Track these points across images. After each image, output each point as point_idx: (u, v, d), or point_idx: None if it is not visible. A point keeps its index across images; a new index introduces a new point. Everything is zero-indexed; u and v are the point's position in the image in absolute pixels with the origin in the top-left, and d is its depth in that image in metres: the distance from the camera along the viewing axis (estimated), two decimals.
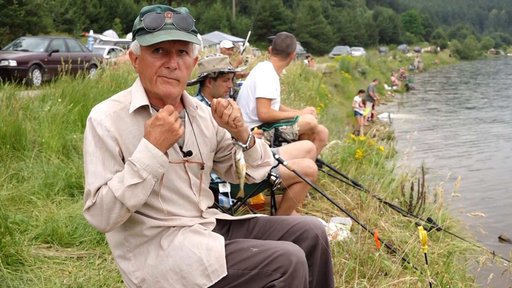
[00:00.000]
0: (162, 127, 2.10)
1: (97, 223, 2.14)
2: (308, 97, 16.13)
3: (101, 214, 2.11)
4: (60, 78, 9.56)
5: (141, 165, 2.08)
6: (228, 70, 4.47)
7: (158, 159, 2.10)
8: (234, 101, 2.33)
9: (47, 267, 3.70)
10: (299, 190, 4.43)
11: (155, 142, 2.10)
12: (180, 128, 2.15)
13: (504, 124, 22.56)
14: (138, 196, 2.10)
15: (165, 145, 2.13)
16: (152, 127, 2.11)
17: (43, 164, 5.72)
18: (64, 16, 50.04)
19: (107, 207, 2.09)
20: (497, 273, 3.58)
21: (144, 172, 2.08)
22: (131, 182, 2.07)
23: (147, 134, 2.12)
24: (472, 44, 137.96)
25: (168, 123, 2.10)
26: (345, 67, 34.41)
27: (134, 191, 2.08)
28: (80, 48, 20.01)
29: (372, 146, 7.46)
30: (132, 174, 2.08)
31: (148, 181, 2.10)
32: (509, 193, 11.37)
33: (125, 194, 2.07)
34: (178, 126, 2.14)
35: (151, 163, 2.09)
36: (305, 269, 2.19)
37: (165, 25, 2.20)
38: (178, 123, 2.15)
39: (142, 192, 2.10)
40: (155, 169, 2.10)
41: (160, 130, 2.10)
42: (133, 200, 2.09)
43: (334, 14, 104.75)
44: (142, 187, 2.09)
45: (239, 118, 2.31)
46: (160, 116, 2.10)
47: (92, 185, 2.14)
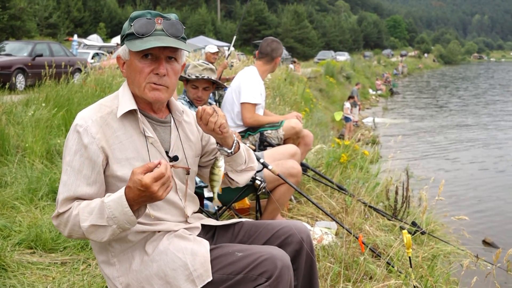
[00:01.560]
0: (142, 192, 1.99)
1: (61, 230, 2.19)
2: (293, 101, 16.16)
3: (65, 226, 2.14)
4: (44, 83, 9.48)
5: (110, 214, 2.03)
6: (186, 77, 4.47)
7: (127, 217, 2.04)
8: (219, 108, 2.33)
9: (30, 273, 3.66)
10: (283, 192, 4.44)
11: (132, 200, 2.02)
12: (164, 193, 2.01)
13: (486, 128, 22.74)
14: (101, 235, 2.08)
15: (142, 204, 2.07)
16: (134, 185, 1.98)
17: (26, 169, 5.67)
18: (48, 20, 49.82)
19: (72, 225, 2.12)
20: (480, 276, 3.60)
21: (111, 221, 2.04)
22: (96, 222, 2.06)
23: (128, 188, 2.02)
24: (455, 49, 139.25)
25: (150, 192, 1.97)
26: (330, 72, 34.51)
27: (97, 230, 2.07)
28: (64, 53, 19.92)
29: (357, 150, 7.49)
30: (100, 216, 2.06)
31: (112, 229, 2.06)
32: (492, 197, 11.46)
33: (88, 229, 2.07)
34: (161, 192, 2.00)
35: (119, 216, 2.03)
36: (290, 274, 2.19)
37: (155, 31, 2.21)
38: (164, 188, 2.00)
39: (104, 233, 2.08)
40: (122, 223, 2.05)
41: (140, 194, 1.99)
42: (94, 236, 2.09)
43: (318, 19, 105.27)
44: (105, 230, 2.07)
45: (225, 125, 2.32)
46: (144, 183, 1.96)
47: (61, 195, 2.15)
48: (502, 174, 13.89)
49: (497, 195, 11.60)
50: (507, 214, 10.07)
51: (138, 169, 1.97)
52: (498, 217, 9.88)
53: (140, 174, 1.96)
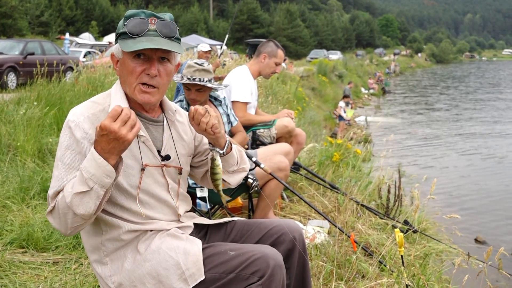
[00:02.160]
0: (106, 137, 1.97)
1: (58, 226, 2.12)
2: (286, 100, 16.16)
3: (59, 218, 2.09)
4: (35, 81, 9.45)
5: (87, 174, 2.01)
6: (178, 80, 4.34)
7: (103, 169, 2.00)
8: (212, 108, 2.33)
9: (22, 272, 3.65)
10: (273, 188, 4.44)
11: (102, 151, 2.00)
12: (131, 132, 1.99)
13: (477, 127, 22.82)
14: (87, 204, 2.03)
15: (114, 152, 2.02)
16: (97, 136, 2.00)
17: (18, 168, 5.65)
18: (39, 18, 49.66)
19: (62, 211, 2.06)
20: (472, 274, 3.62)
21: (90, 181, 2.01)
22: (79, 189, 2.02)
23: (95, 142, 2.02)
24: (447, 48, 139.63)
25: (112, 132, 1.95)
26: (322, 71, 34.53)
27: (82, 199, 2.03)
28: (56, 51, 19.85)
29: (349, 149, 7.50)
30: (80, 182, 2.02)
31: (95, 190, 2.02)
32: (484, 195, 11.50)
33: (73, 201, 2.02)
34: (125, 131, 1.97)
35: (96, 172, 2.00)
36: (282, 272, 2.19)
37: (148, 31, 2.19)
38: (127, 127, 1.98)
39: (90, 201, 2.03)
40: (100, 179, 2.01)
41: (106, 140, 1.98)
42: (81, 208, 2.03)
43: (311, 17, 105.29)
44: (89, 196, 2.03)
45: (217, 125, 2.31)
46: (103, 125, 1.96)
47: (52, 190, 2.12)
48: (494, 172, 13.94)
49: (488, 194, 11.65)
50: (498, 212, 10.11)
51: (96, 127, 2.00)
52: (489, 215, 9.92)
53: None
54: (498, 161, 15.44)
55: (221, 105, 4.62)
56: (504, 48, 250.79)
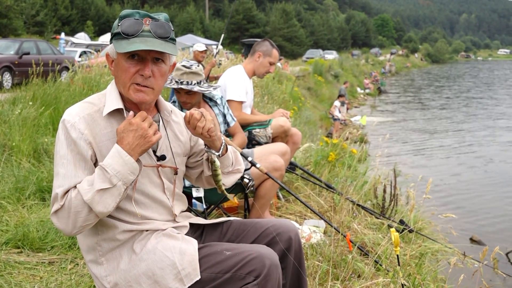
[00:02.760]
0: (135, 132, 2.09)
1: (63, 226, 2.10)
2: (282, 100, 16.17)
3: (68, 217, 2.07)
4: (31, 81, 9.42)
5: (112, 171, 2.05)
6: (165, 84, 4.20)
7: (129, 166, 2.08)
8: (207, 112, 2.33)
9: (17, 272, 3.64)
10: (269, 187, 4.44)
11: (128, 148, 2.08)
12: (154, 136, 2.15)
13: (473, 127, 22.88)
14: (107, 201, 2.07)
15: (138, 151, 2.11)
16: (125, 132, 2.09)
17: (13, 168, 5.64)
18: (35, 18, 49.54)
19: (75, 209, 2.06)
20: (468, 274, 3.63)
21: (115, 178, 2.05)
22: (101, 186, 2.04)
23: (120, 139, 2.10)
24: (443, 48, 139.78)
25: (142, 129, 2.10)
26: (318, 71, 34.53)
27: (103, 196, 2.05)
28: (52, 51, 19.82)
29: (345, 149, 7.50)
30: (102, 179, 2.05)
31: (118, 187, 2.07)
32: (480, 195, 11.53)
33: (94, 198, 2.04)
34: (152, 132, 2.13)
35: (122, 169, 2.06)
36: (278, 272, 2.20)
37: (142, 32, 2.18)
38: (153, 129, 2.14)
39: (111, 198, 2.07)
40: (125, 175, 2.07)
41: (133, 135, 2.08)
42: (101, 205, 2.06)
43: (307, 17, 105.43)
44: (111, 193, 2.07)
45: (213, 129, 2.32)
46: (133, 121, 2.09)
47: (61, 188, 2.10)
48: (489, 172, 13.98)
49: (484, 193, 11.68)
50: (494, 212, 10.13)
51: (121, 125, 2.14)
52: (485, 215, 9.94)
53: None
54: (493, 160, 15.48)
55: (216, 105, 4.59)
56: (500, 48, 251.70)
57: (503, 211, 10.24)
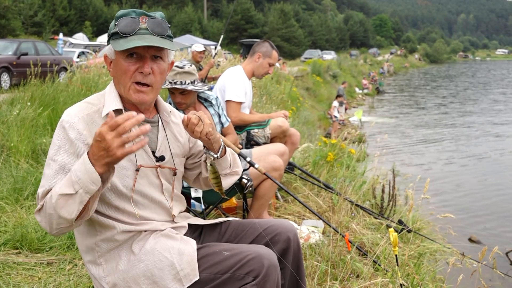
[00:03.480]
0: (99, 144, 1.90)
1: (44, 225, 2.07)
2: (280, 100, 16.17)
3: (45, 217, 2.04)
4: (29, 82, 9.41)
5: (75, 177, 1.95)
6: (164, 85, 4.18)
7: (89, 175, 1.93)
8: (205, 115, 2.32)
9: (16, 273, 3.64)
10: (268, 188, 4.44)
11: (92, 157, 1.94)
12: (118, 148, 1.88)
13: (470, 126, 22.89)
14: (70, 208, 1.97)
15: (101, 162, 1.93)
16: (94, 140, 1.93)
17: (11, 169, 5.63)
18: (33, 18, 49.52)
19: (48, 211, 2.01)
20: (466, 274, 3.62)
21: (76, 185, 1.94)
22: (64, 191, 1.96)
23: (91, 146, 1.96)
24: (441, 48, 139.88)
25: (104, 141, 1.88)
26: (317, 71, 34.53)
27: (67, 202, 1.96)
28: (50, 51, 19.79)
29: (343, 149, 7.51)
30: (68, 184, 1.97)
31: (79, 195, 1.95)
32: (478, 195, 11.53)
33: (58, 202, 1.97)
34: (115, 145, 1.87)
35: (83, 177, 1.94)
36: (277, 272, 2.19)
37: (139, 30, 2.19)
38: (118, 142, 1.88)
39: (74, 205, 1.97)
40: (86, 184, 1.94)
41: (97, 146, 1.91)
42: (64, 211, 1.97)
43: (305, 17, 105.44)
44: (73, 200, 1.96)
45: (211, 132, 2.31)
46: (98, 131, 1.89)
47: (42, 188, 2.08)
48: (488, 171, 13.98)
49: (482, 193, 11.68)
50: (493, 212, 10.14)
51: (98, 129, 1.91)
52: (484, 214, 9.94)
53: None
54: (491, 161, 15.49)
55: (212, 105, 4.57)
56: (498, 48, 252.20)
57: (502, 211, 10.23)
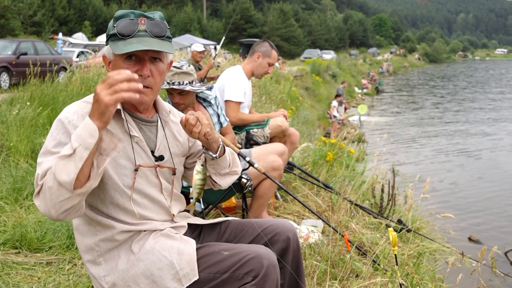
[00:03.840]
0: (94, 99, 1.90)
1: (44, 207, 2.00)
2: (280, 100, 16.17)
3: (44, 197, 1.98)
4: (28, 81, 9.41)
5: (74, 136, 1.93)
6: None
7: (87, 128, 1.90)
8: (203, 116, 2.31)
9: (15, 273, 3.64)
10: (267, 187, 4.44)
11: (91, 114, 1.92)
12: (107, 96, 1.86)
13: (470, 126, 22.90)
14: (69, 168, 1.91)
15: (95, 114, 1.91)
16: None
17: (11, 169, 5.63)
18: (32, 18, 49.51)
19: (48, 185, 1.96)
20: (466, 273, 3.63)
21: (75, 142, 1.91)
22: (63, 153, 1.93)
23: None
24: (440, 48, 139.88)
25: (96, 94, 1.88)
26: (316, 70, 34.50)
27: (66, 164, 1.91)
28: (49, 51, 19.77)
29: (343, 148, 7.51)
30: (67, 147, 1.95)
31: (78, 152, 1.91)
32: (477, 195, 11.52)
33: (56, 166, 1.93)
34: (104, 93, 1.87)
35: (81, 132, 1.91)
36: (276, 272, 2.19)
37: (138, 32, 2.18)
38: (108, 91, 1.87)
39: (73, 165, 1.91)
40: (84, 138, 1.90)
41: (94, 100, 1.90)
42: (64, 174, 1.91)
43: (304, 17, 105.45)
44: (73, 159, 1.91)
45: (210, 133, 2.30)
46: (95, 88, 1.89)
47: (41, 170, 2.02)
48: (487, 171, 13.98)
49: (482, 193, 11.67)
50: (492, 211, 10.13)
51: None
52: (483, 214, 9.94)
53: None
54: (490, 160, 15.49)
55: (210, 105, 4.56)
56: (497, 48, 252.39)
57: (501, 210, 10.24)
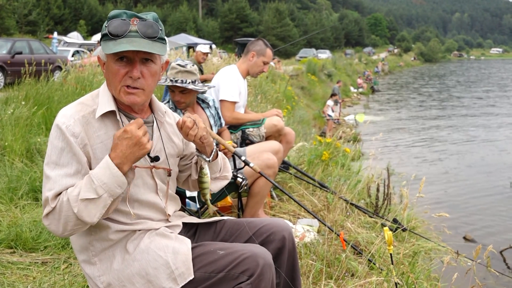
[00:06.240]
0: (129, 140, 2.04)
1: (54, 228, 2.09)
2: (275, 99, 16.17)
3: (58, 220, 2.06)
4: (23, 81, 9.38)
5: (98, 181, 2.02)
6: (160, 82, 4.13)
7: (116, 179, 2.04)
8: (200, 119, 2.32)
9: (10, 272, 3.63)
10: (262, 185, 4.44)
11: (121, 155, 2.04)
12: (148, 143, 2.09)
13: (465, 126, 22.94)
14: (91, 211, 2.04)
15: (131, 159, 2.07)
16: (119, 139, 2.05)
17: (6, 168, 5.62)
18: (27, 17, 49.37)
19: (65, 213, 2.04)
20: (461, 272, 3.64)
21: (100, 189, 2.02)
22: (85, 196, 2.02)
23: (114, 146, 2.07)
24: (436, 47, 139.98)
25: (136, 137, 2.04)
26: (312, 70, 34.52)
27: (87, 206, 2.03)
28: (44, 50, 19.71)
29: (338, 148, 7.51)
30: (88, 188, 2.03)
31: (103, 199, 2.04)
32: (473, 194, 11.56)
33: (79, 207, 2.02)
34: (146, 140, 2.08)
35: (108, 181, 2.02)
36: (272, 271, 2.19)
37: (129, 32, 2.15)
38: (147, 137, 2.09)
39: (96, 209, 2.04)
40: (112, 188, 2.04)
41: (127, 144, 2.04)
42: (85, 215, 2.03)
43: (300, 16, 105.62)
44: (96, 204, 2.03)
45: (205, 136, 2.32)
46: (128, 129, 2.04)
47: (51, 191, 2.08)
48: (482, 170, 14.01)
49: (477, 192, 11.71)
50: (487, 211, 10.17)
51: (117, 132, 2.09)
52: (478, 213, 9.97)
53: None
54: (486, 159, 15.53)
55: (208, 107, 4.56)
56: (492, 47, 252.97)
57: (496, 209, 10.27)
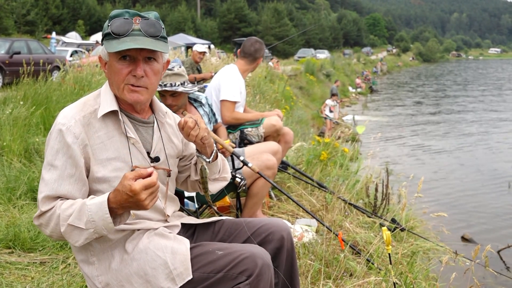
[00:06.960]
0: (131, 198, 1.97)
1: (43, 229, 2.16)
2: (274, 99, 16.16)
3: (46, 226, 2.13)
4: (21, 81, 9.37)
5: (89, 217, 2.02)
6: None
7: (105, 223, 2.02)
8: (202, 120, 2.32)
9: (9, 273, 3.63)
10: (261, 186, 4.44)
11: (119, 204, 2.00)
12: (150, 203, 1.99)
13: (464, 126, 22.95)
14: (75, 237, 2.06)
15: (125, 209, 2.05)
16: (123, 190, 1.97)
17: (4, 168, 5.61)
18: (25, 17, 49.37)
19: (53, 226, 2.10)
20: (459, 272, 3.63)
21: (89, 224, 2.02)
22: (74, 223, 2.04)
23: (116, 190, 2.01)
24: (434, 47, 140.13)
25: (138, 200, 1.96)
26: (310, 70, 34.51)
27: (73, 231, 2.05)
28: (43, 50, 19.69)
29: (336, 148, 7.51)
30: (79, 217, 2.04)
31: (89, 233, 2.05)
32: (471, 193, 11.56)
33: (65, 229, 2.06)
34: (148, 202, 1.98)
35: (98, 221, 2.02)
36: (270, 272, 2.19)
37: (132, 31, 2.16)
38: (151, 198, 1.99)
39: (80, 236, 2.06)
40: (99, 228, 2.03)
41: (127, 198, 1.98)
42: (69, 238, 2.08)
43: (298, 16, 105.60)
44: (81, 233, 2.05)
45: (206, 137, 2.32)
46: (133, 189, 1.94)
47: (42, 194, 2.12)
48: (480, 171, 14.02)
49: (475, 192, 11.72)
50: (485, 210, 10.18)
51: (130, 174, 1.96)
52: (476, 213, 9.98)
53: (131, 179, 1.95)
54: (484, 159, 15.54)
55: (201, 105, 4.55)
56: (490, 47, 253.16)
57: (494, 209, 10.28)
